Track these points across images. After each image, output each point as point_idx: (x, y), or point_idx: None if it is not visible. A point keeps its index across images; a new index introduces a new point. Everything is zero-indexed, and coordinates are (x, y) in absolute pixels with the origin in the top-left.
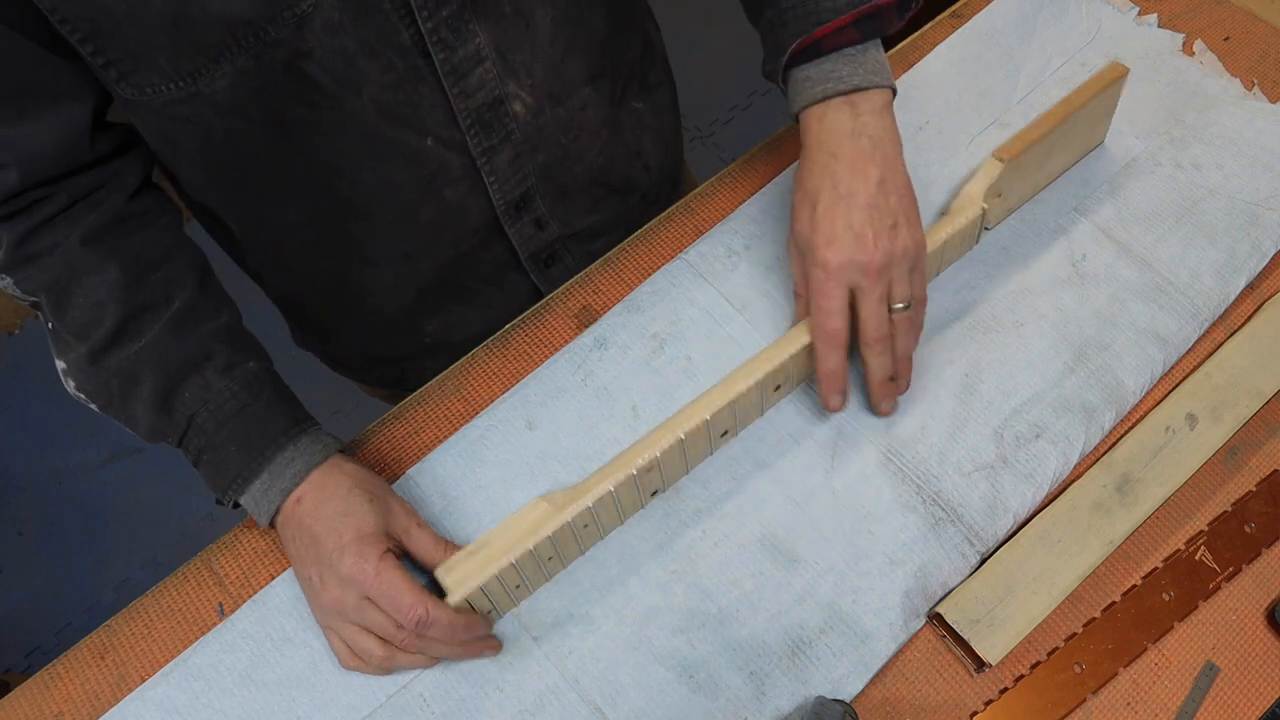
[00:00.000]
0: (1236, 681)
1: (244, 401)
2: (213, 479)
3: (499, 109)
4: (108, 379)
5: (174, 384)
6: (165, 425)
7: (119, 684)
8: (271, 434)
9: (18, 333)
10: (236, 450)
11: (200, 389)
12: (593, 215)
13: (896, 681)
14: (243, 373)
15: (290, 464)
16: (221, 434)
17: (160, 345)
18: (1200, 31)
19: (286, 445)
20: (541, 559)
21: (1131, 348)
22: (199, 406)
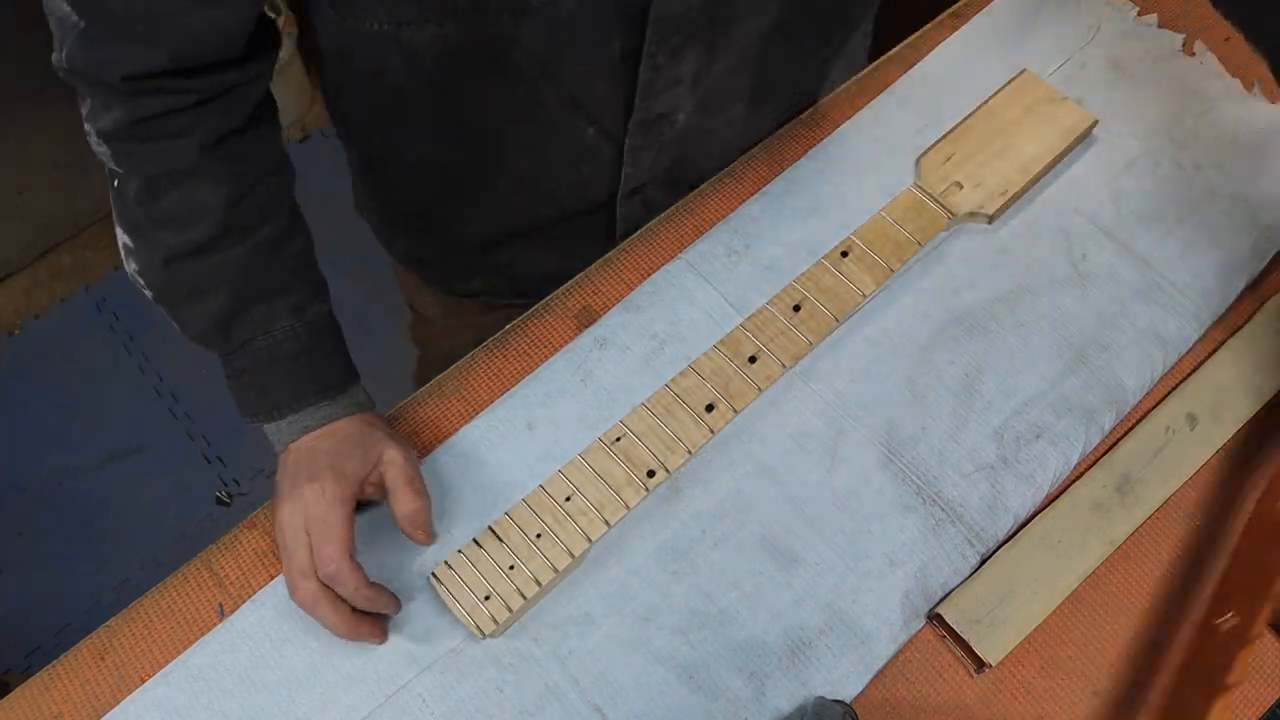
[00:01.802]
0: None
1: (304, 345)
2: (245, 398)
3: (666, 119)
4: (177, 283)
5: (241, 308)
6: (217, 339)
7: (119, 684)
8: (319, 385)
9: (18, 333)
10: (282, 387)
11: (265, 319)
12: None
13: (896, 682)
14: (312, 315)
15: (320, 410)
16: (272, 368)
17: (240, 267)
18: (1200, 31)
19: (326, 398)
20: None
21: (1131, 348)
22: (259, 333)
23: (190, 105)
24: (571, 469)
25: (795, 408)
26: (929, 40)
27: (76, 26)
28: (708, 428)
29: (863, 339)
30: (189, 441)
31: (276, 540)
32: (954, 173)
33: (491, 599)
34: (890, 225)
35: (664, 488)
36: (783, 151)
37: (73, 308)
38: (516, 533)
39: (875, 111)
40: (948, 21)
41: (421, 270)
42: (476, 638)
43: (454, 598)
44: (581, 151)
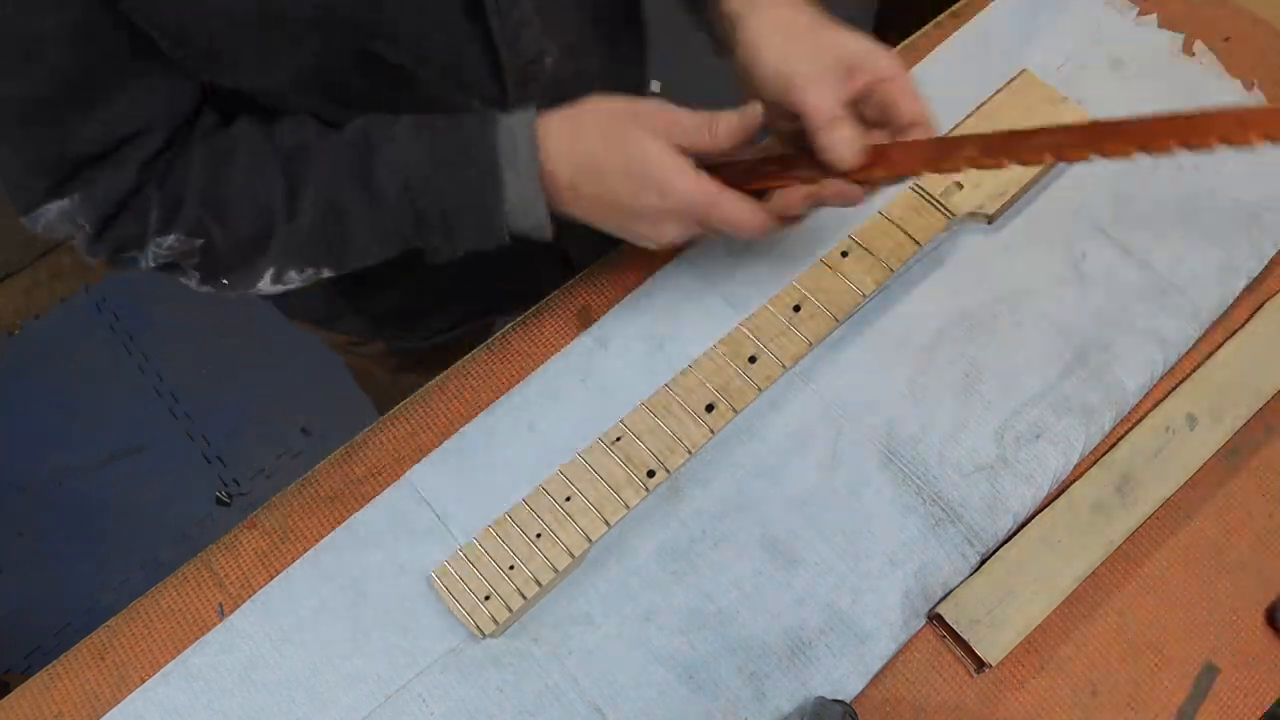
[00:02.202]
0: (1236, 681)
1: (429, 137)
2: (471, 221)
3: (535, 66)
4: (313, 226)
5: (364, 172)
6: (391, 217)
7: (119, 684)
8: (472, 129)
9: (18, 333)
10: (465, 171)
11: (388, 164)
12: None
13: (896, 682)
14: (401, 125)
15: (514, 137)
16: (440, 173)
17: (326, 155)
18: (1200, 31)
19: (495, 128)
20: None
21: (1131, 348)
22: (400, 173)
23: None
24: (571, 469)
25: (795, 408)
26: (929, 40)
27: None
28: (708, 428)
29: (863, 339)
30: (189, 441)
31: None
32: (954, 173)
33: (491, 599)
34: (890, 225)
35: (664, 488)
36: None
37: (73, 308)
38: (516, 533)
39: None
40: (948, 21)
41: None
42: (476, 638)
43: (454, 598)
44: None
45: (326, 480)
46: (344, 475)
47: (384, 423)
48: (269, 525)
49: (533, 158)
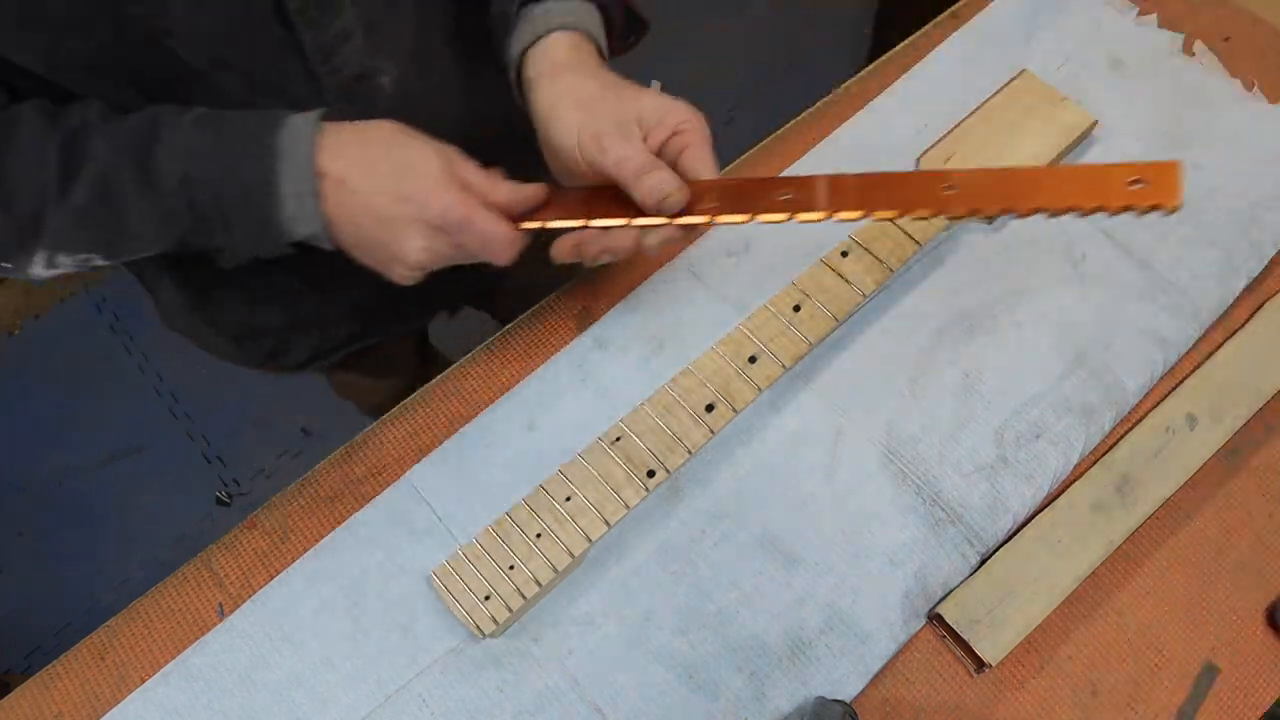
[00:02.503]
0: (1236, 681)
1: (215, 128)
2: (246, 217)
3: (365, 83)
4: (86, 208)
5: (144, 157)
6: (166, 205)
7: (119, 684)
8: (258, 125)
9: (18, 333)
10: (243, 164)
11: (170, 153)
12: None
13: (896, 682)
14: (190, 116)
15: (297, 134)
16: (218, 165)
17: (108, 137)
18: (1200, 31)
19: (280, 126)
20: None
21: (1131, 348)
22: (180, 162)
23: None
24: (571, 469)
25: (795, 408)
26: (929, 40)
27: None
28: (708, 428)
29: (863, 339)
30: (189, 441)
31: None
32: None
33: (491, 599)
34: (890, 225)
35: (664, 488)
36: (782, 152)
37: (73, 308)
38: (516, 533)
39: (875, 111)
40: (948, 21)
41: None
42: (476, 638)
43: (454, 598)
44: None
45: (326, 480)
46: (344, 475)
47: (384, 423)
48: (269, 525)
49: (309, 155)
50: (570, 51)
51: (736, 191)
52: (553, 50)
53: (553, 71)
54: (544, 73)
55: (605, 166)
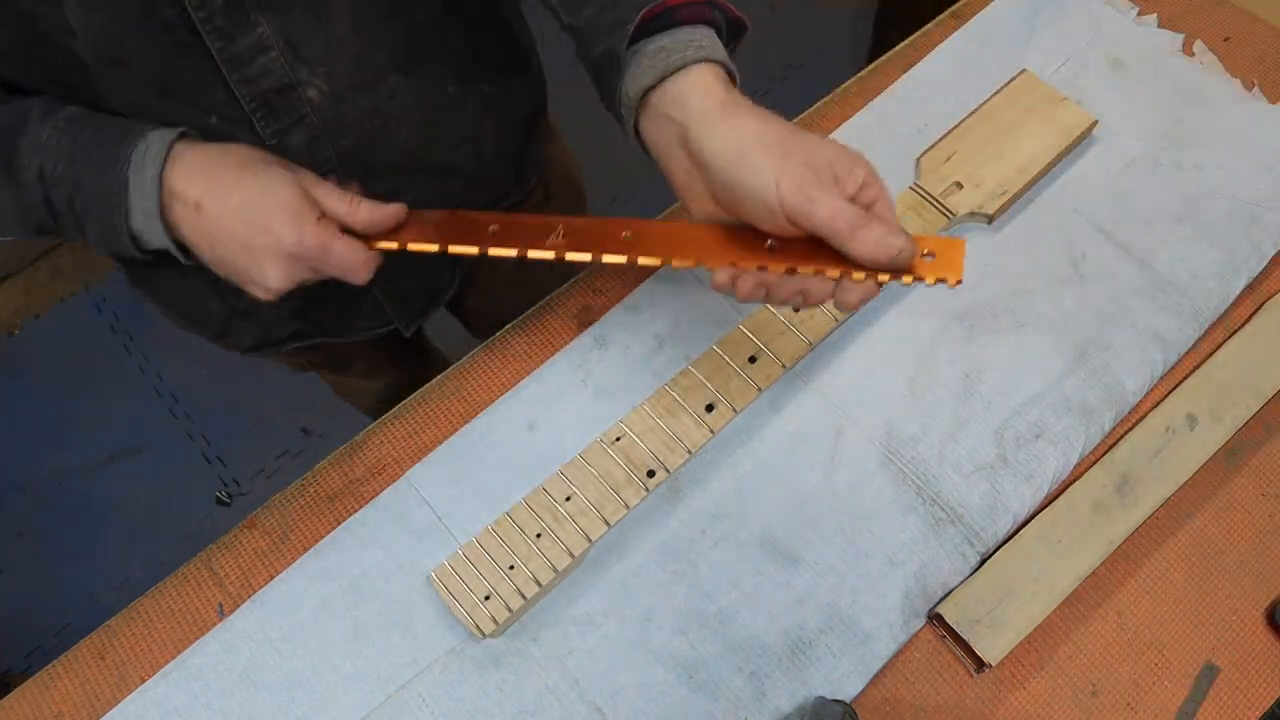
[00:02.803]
0: (1236, 681)
1: (75, 133)
2: (98, 221)
3: (289, 94)
4: None
5: (7, 148)
6: (25, 197)
7: (119, 684)
8: (118, 136)
9: (18, 333)
10: (96, 171)
11: (32, 148)
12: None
13: (896, 682)
14: (64, 115)
15: (146, 153)
16: (74, 167)
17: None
18: (1200, 31)
19: (137, 140)
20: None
21: (1131, 348)
22: (42, 159)
23: None
24: (571, 469)
25: (795, 408)
26: (929, 40)
27: None
28: (708, 428)
29: (863, 339)
30: (189, 441)
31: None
32: (954, 173)
33: (491, 599)
34: None
35: (664, 488)
36: None
37: (73, 308)
38: (516, 533)
39: (875, 111)
40: (948, 21)
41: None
42: (476, 638)
43: (454, 598)
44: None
45: (326, 480)
46: (344, 475)
47: (384, 423)
48: (269, 525)
49: (157, 172)
50: (725, 89)
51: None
52: (703, 86)
53: (721, 111)
54: (708, 111)
55: (815, 218)
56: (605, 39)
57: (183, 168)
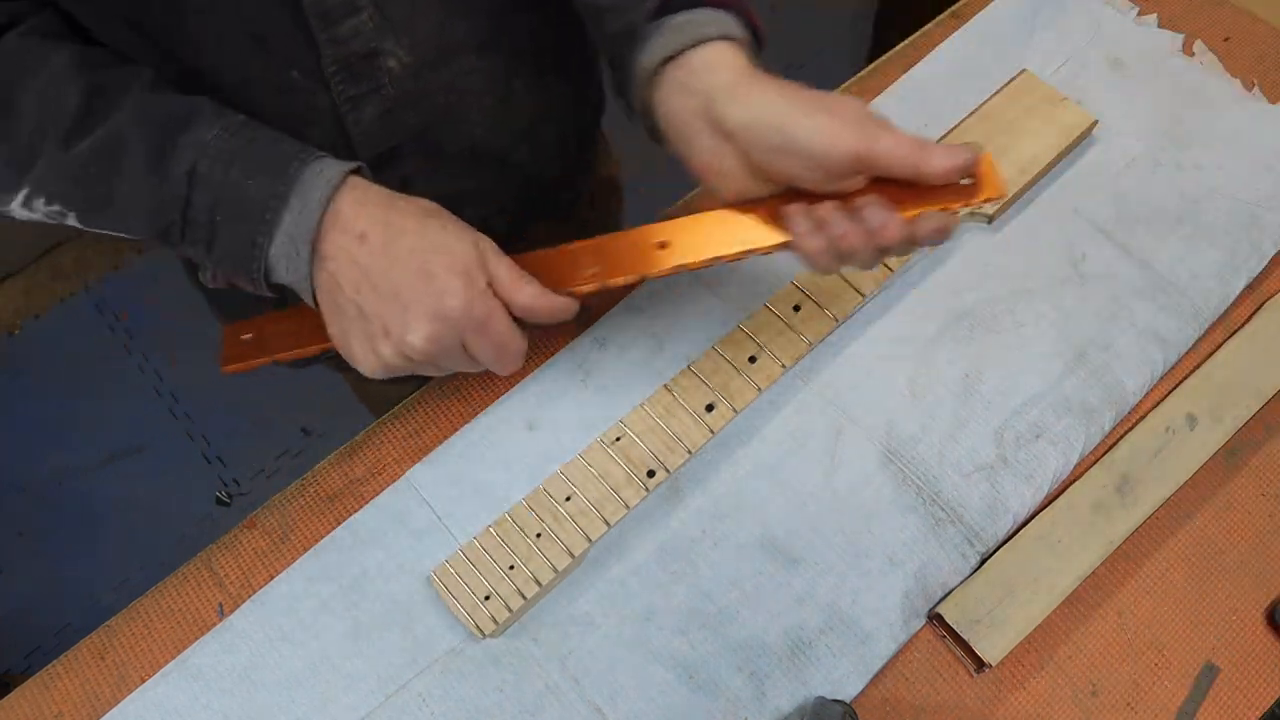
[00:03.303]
0: (1236, 681)
1: (249, 137)
2: (234, 234)
3: (372, 61)
4: (86, 162)
5: (166, 140)
6: (164, 192)
7: (119, 684)
8: (292, 151)
9: (18, 333)
10: (256, 180)
11: (193, 144)
12: (464, 182)
13: (896, 682)
14: (235, 119)
15: (321, 174)
16: (233, 173)
17: (141, 106)
18: (1200, 31)
19: (311, 160)
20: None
21: (1131, 348)
22: (198, 155)
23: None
24: (571, 469)
25: (795, 408)
26: (929, 40)
27: None
28: (708, 428)
29: (863, 339)
30: (189, 441)
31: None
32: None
33: (491, 599)
34: None
35: (664, 488)
36: None
37: (73, 308)
38: (516, 533)
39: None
40: (948, 21)
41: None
42: (476, 638)
43: (454, 598)
44: (300, 107)
45: (326, 480)
46: (344, 475)
47: (384, 423)
48: (269, 525)
49: (326, 195)
50: (748, 63)
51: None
52: (726, 59)
53: (748, 81)
54: (733, 83)
55: (882, 151)
56: (626, 15)
57: (358, 196)
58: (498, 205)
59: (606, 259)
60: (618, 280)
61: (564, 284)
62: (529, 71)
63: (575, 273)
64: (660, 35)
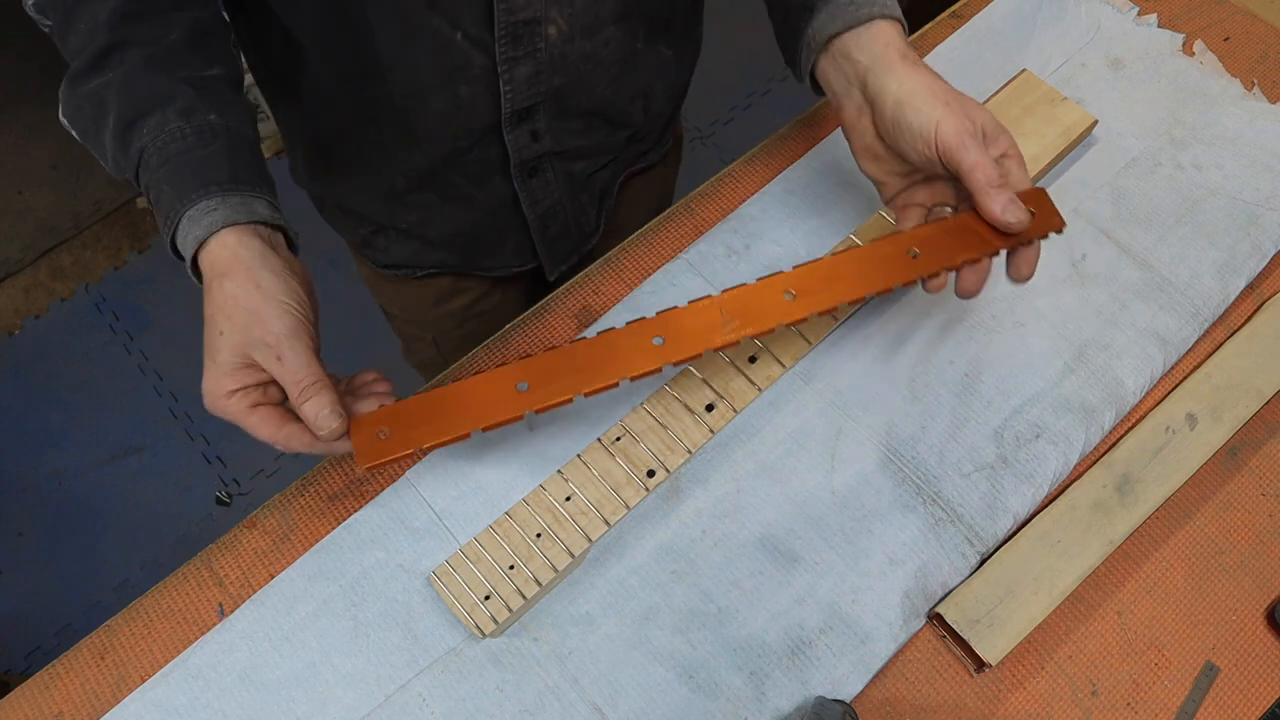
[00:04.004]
0: (1236, 681)
1: (189, 145)
2: (159, 214)
3: (534, 28)
4: (81, 103)
5: (135, 116)
6: (122, 158)
7: (119, 684)
8: (203, 180)
9: (18, 333)
10: (169, 190)
11: (157, 126)
12: (582, 139)
13: (896, 681)
14: (200, 121)
15: (209, 213)
16: (161, 171)
17: (131, 77)
18: (1200, 31)
19: (214, 194)
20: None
21: (1131, 348)
22: (149, 141)
23: None
24: (571, 469)
25: (795, 408)
26: (929, 40)
27: None
28: (708, 428)
29: (863, 339)
30: (189, 441)
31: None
32: None
33: (491, 599)
34: (890, 224)
35: (664, 488)
36: (783, 151)
37: (73, 308)
38: (516, 533)
39: None
40: (948, 21)
41: (347, 227)
42: (476, 638)
43: (454, 598)
44: (454, 64)
45: (326, 480)
46: (344, 475)
47: None
48: (269, 525)
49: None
50: (904, 43)
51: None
52: (889, 38)
53: (902, 61)
54: (891, 59)
55: (963, 163)
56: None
57: (221, 245)
58: (607, 159)
59: (740, 313)
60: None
61: (707, 344)
62: (649, 38)
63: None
64: (831, 12)
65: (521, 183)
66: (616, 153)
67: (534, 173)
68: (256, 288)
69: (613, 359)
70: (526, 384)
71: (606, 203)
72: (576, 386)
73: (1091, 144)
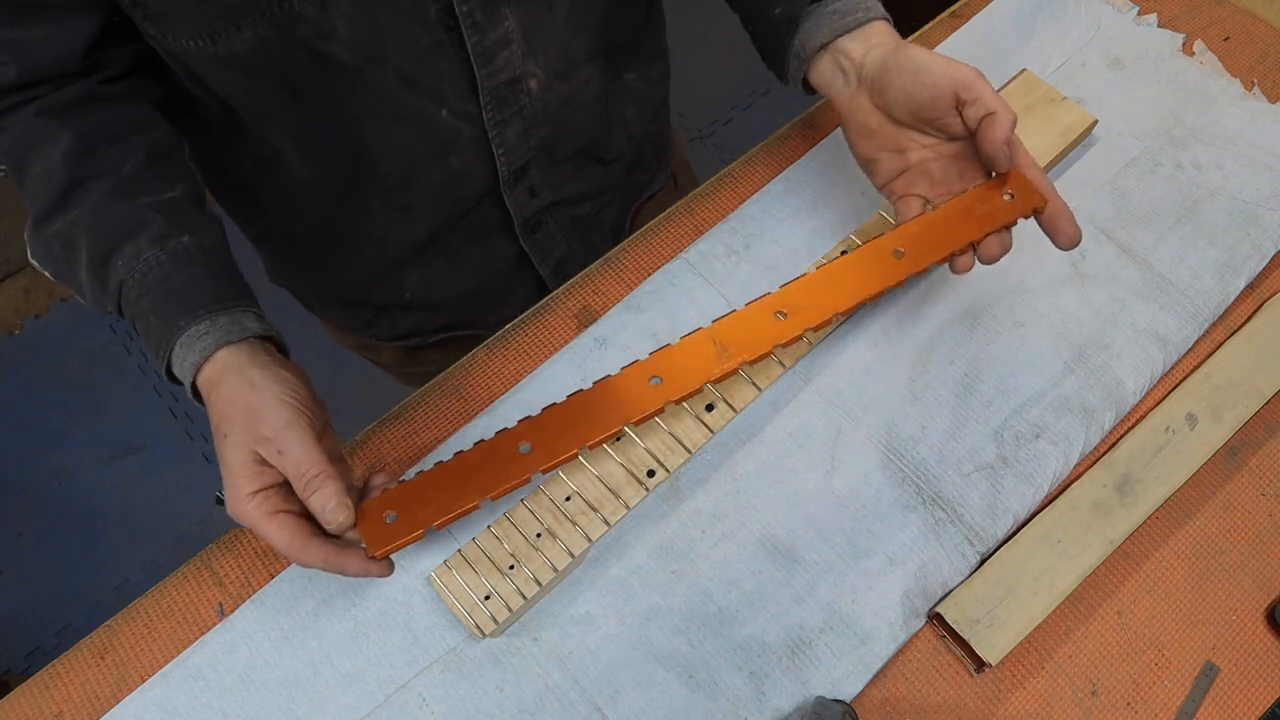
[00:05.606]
0: (1236, 681)
1: (167, 272)
2: (149, 345)
3: (516, 86)
4: (50, 244)
5: (108, 250)
6: (101, 294)
7: (119, 684)
8: (189, 306)
9: (18, 333)
10: (156, 321)
11: (131, 257)
12: (577, 182)
13: (896, 681)
14: (175, 246)
15: (201, 337)
16: (144, 303)
17: (97, 211)
18: (1200, 31)
19: (202, 319)
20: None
21: (1131, 348)
22: (126, 274)
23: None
24: (571, 469)
25: (795, 408)
26: (929, 40)
27: None
28: (708, 428)
29: (863, 339)
30: (189, 441)
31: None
32: None
33: (491, 599)
34: (890, 224)
35: (664, 488)
36: (783, 151)
37: (73, 308)
38: (516, 533)
39: None
40: (948, 21)
41: (344, 318)
42: (476, 638)
43: (454, 598)
44: (442, 140)
45: None
46: (343, 475)
47: (384, 422)
48: None
49: (195, 364)
50: (893, 37)
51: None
52: (884, 34)
53: (895, 46)
54: (884, 45)
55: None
56: (783, 3)
57: (222, 364)
58: (608, 196)
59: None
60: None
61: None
62: (619, 69)
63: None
64: (817, 23)
65: (527, 239)
66: (615, 186)
67: (536, 228)
68: (249, 385)
69: (613, 406)
70: (529, 445)
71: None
72: (580, 440)
73: (1091, 144)
